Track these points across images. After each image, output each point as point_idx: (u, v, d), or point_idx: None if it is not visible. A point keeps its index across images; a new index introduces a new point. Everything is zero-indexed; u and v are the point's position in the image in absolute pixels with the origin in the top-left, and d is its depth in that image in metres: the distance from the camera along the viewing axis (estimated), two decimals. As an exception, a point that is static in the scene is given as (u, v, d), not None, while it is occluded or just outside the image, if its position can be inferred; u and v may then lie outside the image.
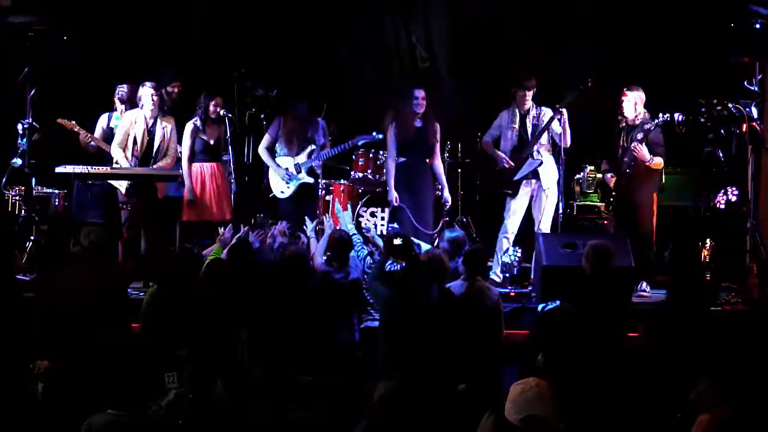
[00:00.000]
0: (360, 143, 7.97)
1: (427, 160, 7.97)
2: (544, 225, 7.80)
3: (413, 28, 9.67)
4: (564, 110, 7.67)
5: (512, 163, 7.84)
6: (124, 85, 8.26)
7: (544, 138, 7.84)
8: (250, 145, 8.70)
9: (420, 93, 7.83)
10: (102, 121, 8.37)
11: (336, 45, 9.68)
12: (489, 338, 5.84)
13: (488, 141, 8.07)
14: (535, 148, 7.83)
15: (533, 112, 7.89)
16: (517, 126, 7.91)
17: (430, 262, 5.84)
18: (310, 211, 7.76)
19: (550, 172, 7.84)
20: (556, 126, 7.76)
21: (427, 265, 5.77)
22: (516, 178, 7.83)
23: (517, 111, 7.92)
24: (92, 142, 8.19)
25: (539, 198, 7.85)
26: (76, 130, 8.19)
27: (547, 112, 7.85)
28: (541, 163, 7.82)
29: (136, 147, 7.83)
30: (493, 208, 8.30)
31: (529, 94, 7.84)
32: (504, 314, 6.19)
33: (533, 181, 7.86)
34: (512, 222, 7.89)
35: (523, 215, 7.91)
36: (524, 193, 7.87)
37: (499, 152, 7.95)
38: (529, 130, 7.88)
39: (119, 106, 8.29)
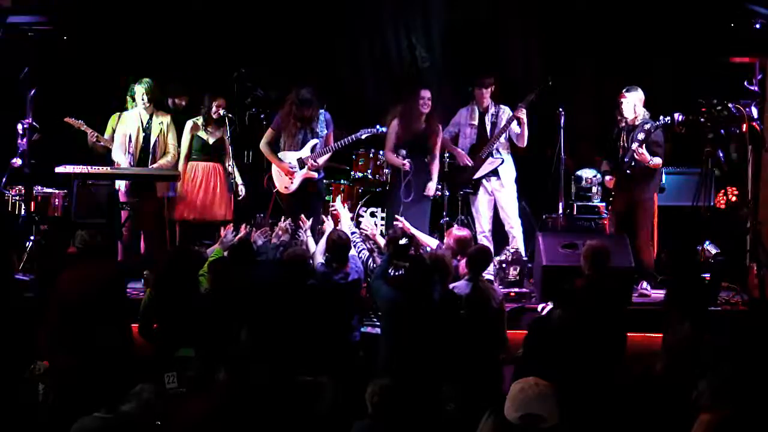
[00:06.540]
0: (363, 137, 7.90)
1: (425, 160, 7.98)
2: (514, 221, 7.99)
3: (413, 27, 9.66)
4: (524, 108, 7.79)
5: (471, 162, 7.99)
6: None
7: (503, 137, 7.99)
8: (250, 146, 8.67)
9: (426, 93, 7.92)
10: (112, 122, 8.12)
11: (336, 45, 9.68)
12: (494, 338, 5.84)
13: (446, 138, 8.18)
14: (494, 146, 7.95)
15: (492, 110, 8.06)
16: (476, 123, 8.08)
17: (434, 262, 5.83)
18: (315, 208, 7.74)
19: (508, 170, 8.05)
20: (515, 126, 7.93)
21: (431, 266, 5.76)
22: (477, 176, 8.02)
23: (476, 108, 8.09)
24: (101, 142, 7.97)
25: (502, 196, 8.02)
26: (83, 129, 7.96)
27: (506, 111, 8.01)
28: (503, 161, 8.01)
29: (131, 144, 7.81)
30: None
31: (487, 92, 8.01)
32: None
33: (493, 178, 8.04)
34: (484, 220, 8.07)
35: (492, 211, 8.06)
36: (484, 191, 8.05)
37: (459, 149, 8.09)
38: (488, 127, 8.05)
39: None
